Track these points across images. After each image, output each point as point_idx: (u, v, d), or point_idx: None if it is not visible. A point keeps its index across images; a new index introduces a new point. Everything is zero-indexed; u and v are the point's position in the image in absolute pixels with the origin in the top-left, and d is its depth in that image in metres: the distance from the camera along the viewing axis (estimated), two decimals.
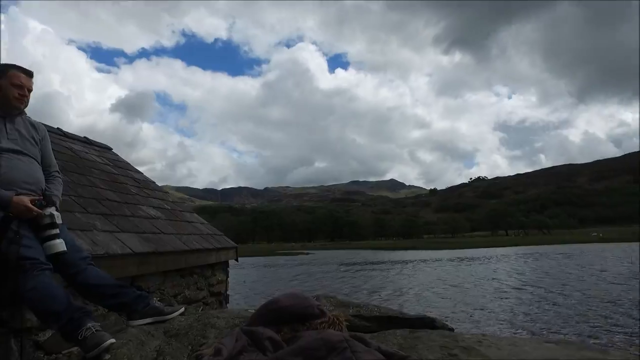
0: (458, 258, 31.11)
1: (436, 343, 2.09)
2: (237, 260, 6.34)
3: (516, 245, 54.78)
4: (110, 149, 7.11)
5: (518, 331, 6.51)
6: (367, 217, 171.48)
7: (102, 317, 2.97)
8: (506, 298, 9.91)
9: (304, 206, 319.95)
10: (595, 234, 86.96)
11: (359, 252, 55.43)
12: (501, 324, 7.11)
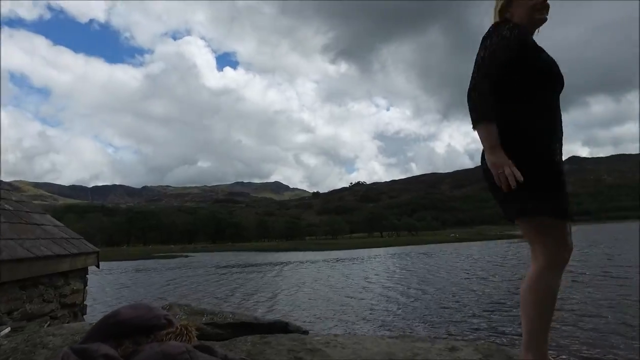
0: (336, 259, 32.58)
1: (284, 347, 2.17)
2: (98, 266, 5.78)
3: (389, 245, 59.36)
4: None
5: (375, 329, 7.03)
6: (251, 219, 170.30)
7: None
8: (370, 297, 10.60)
9: (185, 207, 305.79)
10: (453, 234, 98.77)
11: (241, 254, 54.76)
12: (361, 322, 7.59)
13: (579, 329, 6.19)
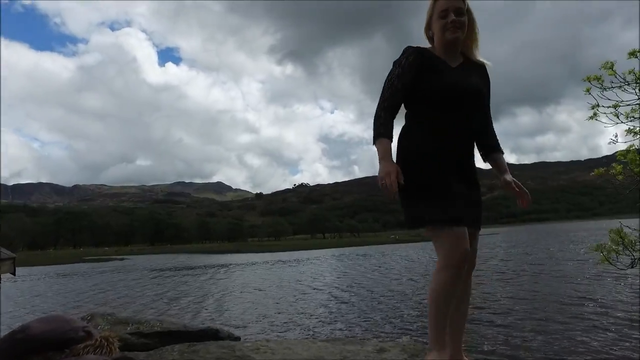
0: (276, 261, 32.45)
1: (213, 355, 2.14)
2: (13, 273, 5.35)
3: (331, 247, 60.05)
4: None
5: (307, 332, 7.04)
6: (192, 220, 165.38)
7: None
8: (304, 300, 10.59)
9: (121, 207, 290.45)
10: (393, 236, 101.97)
11: (179, 257, 52.93)
12: (294, 326, 7.55)
13: (494, 326, 6.60)
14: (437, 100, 1.90)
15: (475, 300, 8.63)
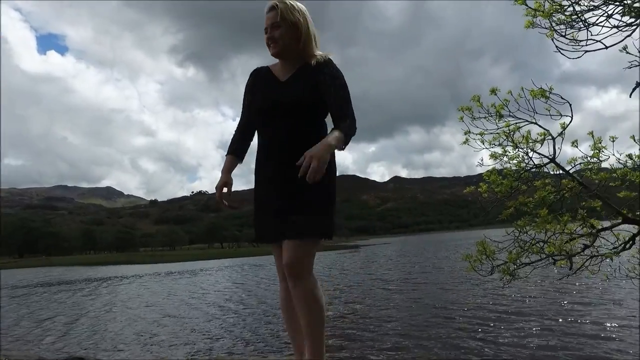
0: (168, 272, 30.59)
1: None
2: None
3: (228, 257, 58.51)
4: None
5: (188, 352, 6.65)
6: (74, 228, 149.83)
7: None
8: (190, 316, 10.00)
9: None
10: None
11: (54, 270, 47.21)
12: (175, 346, 7.09)
13: (366, 331, 6.89)
14: (255, 116, 2.04)
15: (353, 308, 8.97)
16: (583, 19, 2.53)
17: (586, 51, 2.78)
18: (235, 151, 2.13)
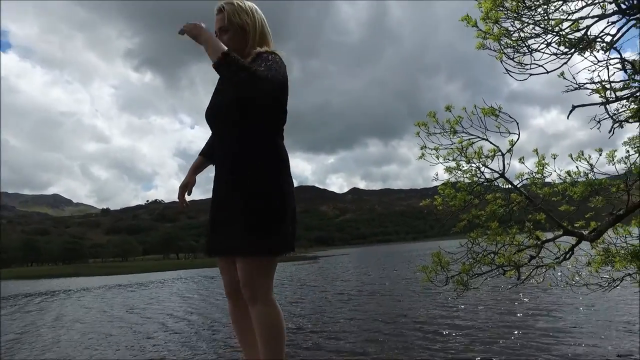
0: (117, 285, 29.09)
1: None
2: None
3: (183, 268, 56.76)
4: None
5: None
6: (15, 238, 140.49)
7: None
8: (128, 333, 9.31)
9: None
10: None
11: None
12: None
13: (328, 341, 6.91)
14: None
15: (305, 323, 8.93)
16: (527, 44, 2.73)
17: (531, 74, 3.00)
18: (205, 153, 2.15)
